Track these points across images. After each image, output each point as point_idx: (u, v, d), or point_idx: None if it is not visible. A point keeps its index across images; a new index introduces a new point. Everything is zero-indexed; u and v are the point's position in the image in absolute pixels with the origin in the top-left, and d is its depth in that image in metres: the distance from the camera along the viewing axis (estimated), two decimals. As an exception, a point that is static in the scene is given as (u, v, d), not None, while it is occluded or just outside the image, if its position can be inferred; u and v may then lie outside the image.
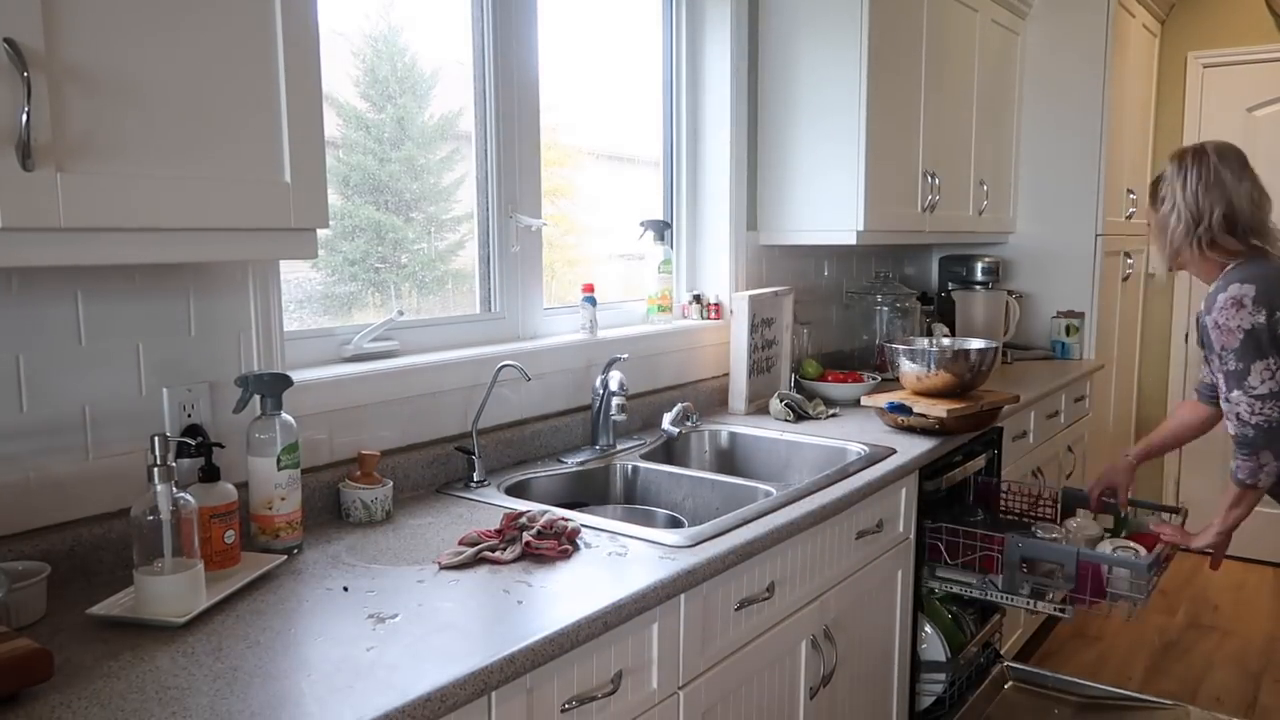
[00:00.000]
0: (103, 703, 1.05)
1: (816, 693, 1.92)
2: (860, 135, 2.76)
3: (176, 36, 1.16)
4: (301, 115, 1.30)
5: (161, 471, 1.25)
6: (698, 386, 2.73)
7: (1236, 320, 2.06)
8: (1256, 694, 3.16)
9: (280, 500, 1.53)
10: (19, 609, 1.24)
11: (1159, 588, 3.96)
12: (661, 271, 2.67)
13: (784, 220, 2.93)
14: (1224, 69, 4.27)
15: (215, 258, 1.25)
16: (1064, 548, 2.19)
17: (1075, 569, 2.14)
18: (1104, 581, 2.14)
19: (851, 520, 2.02)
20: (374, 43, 2.03)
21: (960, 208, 3.39)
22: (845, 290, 3.52)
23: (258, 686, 1.09)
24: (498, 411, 2.11)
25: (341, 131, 1.98)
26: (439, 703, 1.08)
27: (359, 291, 2.04)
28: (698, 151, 2.88)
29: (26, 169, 1.02)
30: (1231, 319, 2.06)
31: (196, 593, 1.29)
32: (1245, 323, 2.04)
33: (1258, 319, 2.03)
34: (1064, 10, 3.68)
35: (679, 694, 1.52)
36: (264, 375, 1.54)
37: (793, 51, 2.86)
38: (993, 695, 2.68)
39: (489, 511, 1.78)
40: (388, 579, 1.43)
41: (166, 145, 1.16)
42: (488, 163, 2.22)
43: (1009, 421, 2.91)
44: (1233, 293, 2.06)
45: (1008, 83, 3.69)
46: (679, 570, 1.46)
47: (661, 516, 1.96)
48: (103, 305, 1.44)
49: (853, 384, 2.84)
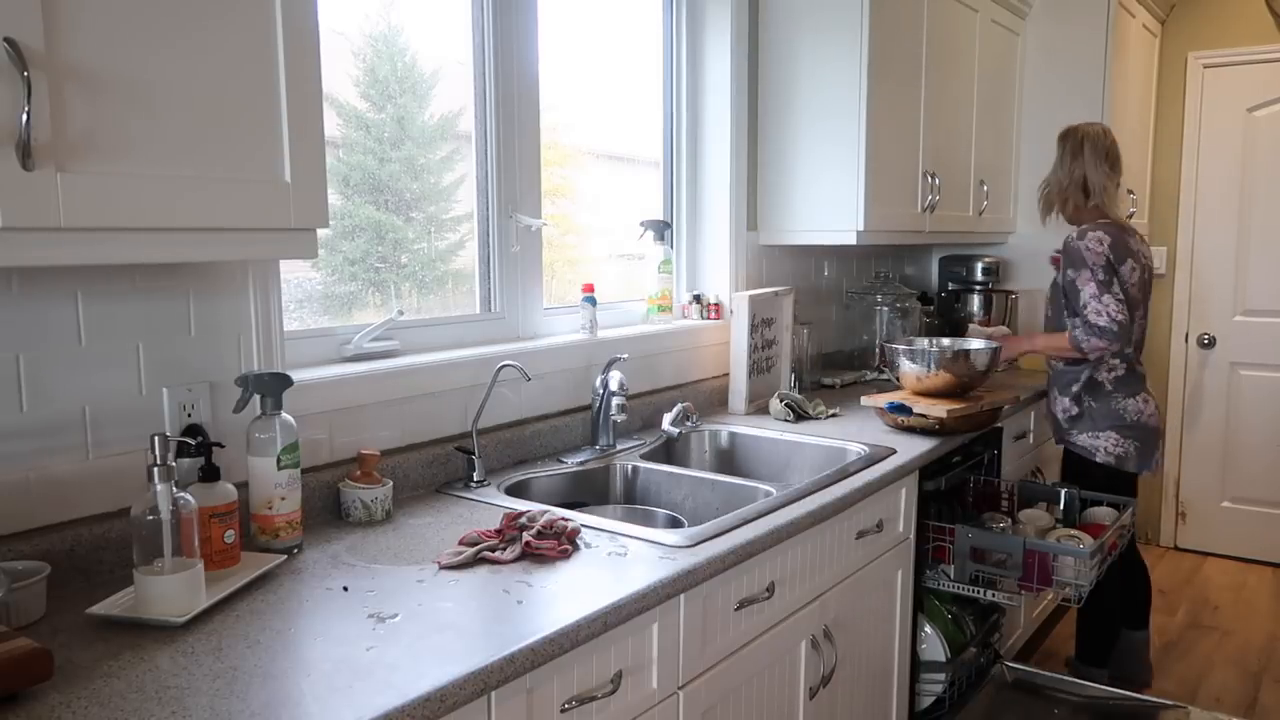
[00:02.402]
0: (103, 702, 1.05)
1: (816, 693, 1.92)
2: (860, 135, 2.76)
3: (176, 37, 1.16)
4: (301, 115, 1.30)
5: (161, 471, 1.25)
6: (698, 386, 2.73)
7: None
8: (1256, 694, 3.16)
9: (280, 500, 1.53)
10: (19, 609, 1.24)
11: (1159, 587, 3.98)
12: (661, 271, 2.67)
13: (784, 220, 2.93)
14: (1224, 69, 4.27)
15: (215, 258, 1.25)
16: (1011, 538, 2.31)
17: (1022, 558, 2.27)
18: (1050, 570, 2.27)
19: (851, 520, 2.02)
20: (374, 43, 2.03)
21: (960, 208, 3.39)
22: (845, 290, 3.52)
23: (258, 686, 1.09)
24: (498, 411, 2.11)
25: (341, 131, 1.98)
26: (439, 703, 1.08)
27: (359, 291, 2.04)
28: (698, 151, 2.88)
29: (26, 169, 1.02)
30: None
31: (196, 592, 1.29)
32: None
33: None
34: (1064, 10, 3.68)
35: (679, 694, 1.52)
36: (264, 375, 1.54)
37: (793, 51, 2.86)
38: (993, 695, 2.68)
39: (489, 511, 1.78)
40: (388, 579, 1.43)
41: (166, 145, 1.16)
42: (488, 163, 2.22)
43: (1009, 421, 2.91)
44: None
45: (1008, 83, 3.69)
46: (679, 570, 1.46)
47: (661, 516, 1.96)
48: (103, 305, 1.44)
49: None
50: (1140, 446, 2.77)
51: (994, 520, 2.47)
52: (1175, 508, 4.53)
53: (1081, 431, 2.82)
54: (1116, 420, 2.76)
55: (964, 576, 2.34)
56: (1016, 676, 2.76)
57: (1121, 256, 2.69)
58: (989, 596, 2.38)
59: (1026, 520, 2.48)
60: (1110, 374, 2.77)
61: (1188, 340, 4.45)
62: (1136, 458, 2.78)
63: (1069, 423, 2.85)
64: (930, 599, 2.49)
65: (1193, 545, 4.51)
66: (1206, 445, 4.44)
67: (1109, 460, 2.78)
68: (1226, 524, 4.42)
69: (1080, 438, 2.82)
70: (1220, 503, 4.43)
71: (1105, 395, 2.77)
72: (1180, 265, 4.44)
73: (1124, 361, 2.77)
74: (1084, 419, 2.81)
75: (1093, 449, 2.80)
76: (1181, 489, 4.51)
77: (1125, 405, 2.76)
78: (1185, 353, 4.47)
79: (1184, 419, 4.48)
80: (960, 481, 2.61)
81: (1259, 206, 4.25)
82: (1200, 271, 4.40)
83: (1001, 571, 2.32)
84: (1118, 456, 2.77)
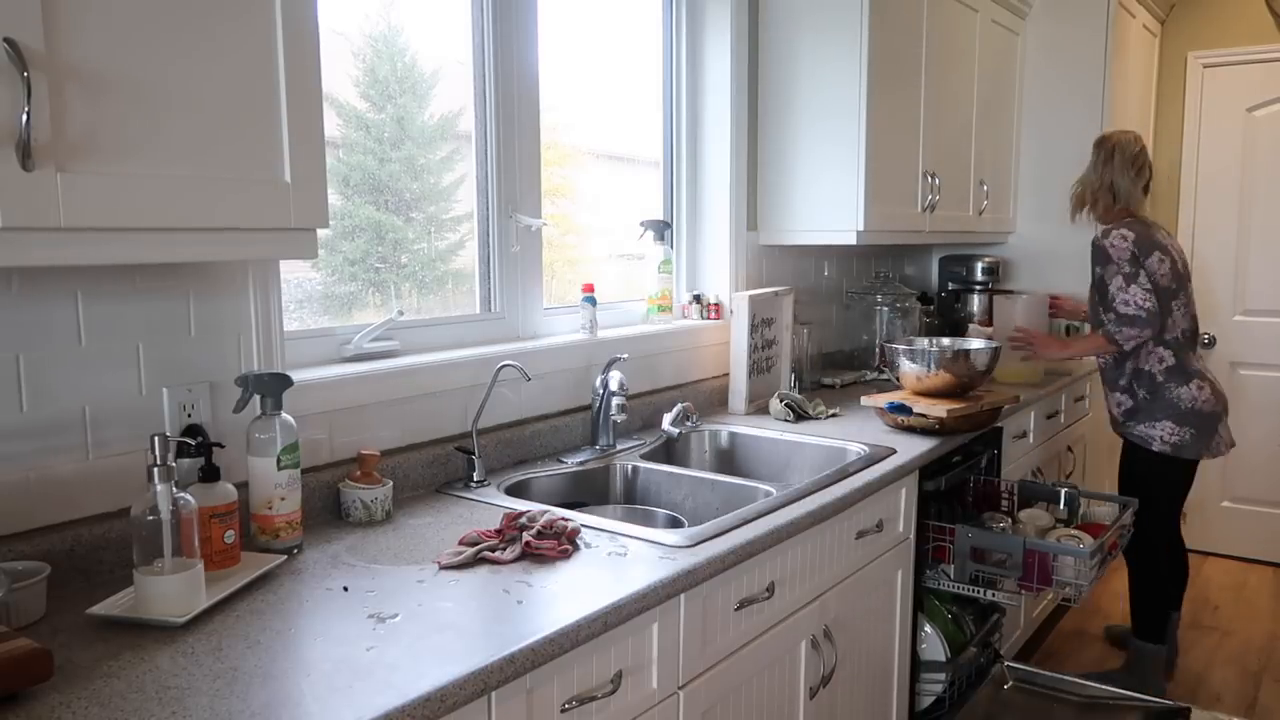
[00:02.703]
0: (103, 702, 1.05)
1: (816, 693, 1.92)
2: (860, 135, 2.76)
3: (176, 37, 1.16)
4: (301, 115, 1.30)
5: (161, 471, 1.25)
6: (698, 386, 2.73)
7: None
8: (1256, 694, 3.16)
9: (280, 500, 1.53)
10: (19, 609, 1.24)
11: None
12: (661, 271, 2.67)
13: (784, 220, 2.93)
14: (1224, 69, 4.27)
15: (215, 258, 1.25)
16: (1012, 538, 2.32)
17: (1022, 558, 2.27)
18: (1050, 570, 2.28)
19: (851, 520, 2.02)
20: (374, 43, 2.03)
21: (960, 208, 3.39)
22: (845, 290, 3.52)
23: (258, 686, 1.09)
24: (498, 411, 2.11)
25: (341, 131, 1.98)
26: (439, 703, 1.08)
27: (359, 291, 2.04)
28: (698, 151, 2.88)
29: (26, 169, 1.02)
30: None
31: (196, 593, 1.29)
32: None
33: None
34: (1064, 10, 3.68)
35: (679, 694, 1.52)
36: (264, 375, 1.54)
37: (793, 51, 2.86)
38: (993, 695, 2.68)
39: (489, 511, 1.78)
40: (388, 579, 1.43)
41: (166, 145, 1.16)
42: (488, 163, 2.22)
43: (1009, 421, 2.91)
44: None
45: (1008, 83, 3.69)
46: (679, 570, 1.46)
47: (661, 516, 1.96)
48: (103, 305, 1.44)
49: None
50: (1196, 433, 2.86)
51: (994, 520, 2.48)
52: (1175, 507, 4.53)
53: (1139, 423, 2.92)
54: (1171, 409, 2.86)
55: (964, 576, 2.35)
56: (1017, 676, 2.76)
57: (1147, 250, 2.82)
58: (989, 596, 2.38)
59: (1026, 520, 2.49)
60: (1161, 365, 2.87)
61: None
62: (1193, 444, 2.87)
63: (1124, 415, 2.97)
64: (930, 599, 2.49)
65: (1193, 545, 4.50)
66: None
67: (1165, 449, 2.87)
68: (1226, 524, 4.42)
69: (1137, 428, 2.93)
70: (1220, 503, 4.43)
71: (1158, 386, 2.87)
72: (1180, 265, 4.43)
73: (1171, 350, 2.86)
74: (1140, 411, 2.92)
75: (1149, 438, 2.90)
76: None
77: (1179, 394, 2.85)
78: (1185, 352, 4.46)
79: (1184, 419, 4.48)
80: (960, 481, 2.61)
81: (1259, 206, 4.25)
82: (1200, 271, 4.39)
83: (1001, 571, 2.32)
84: (1174, 444, 2.87)
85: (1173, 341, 2.87)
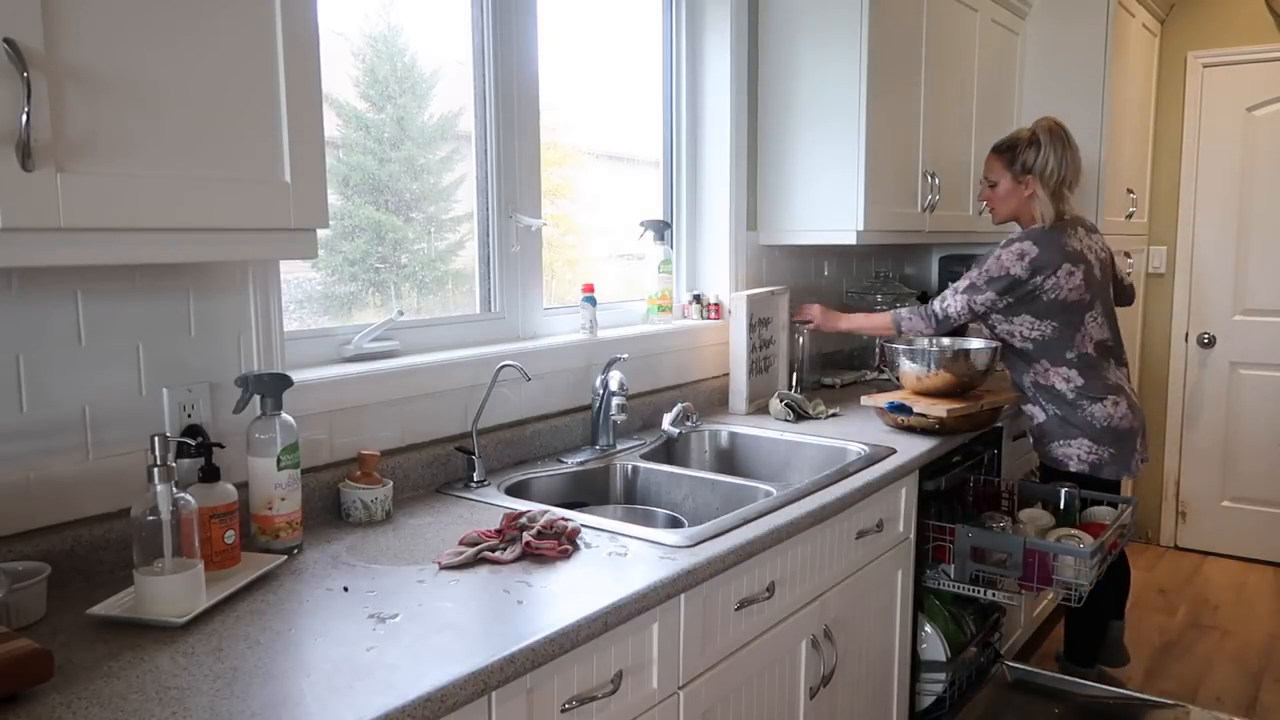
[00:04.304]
0: (103, 703, 1.05)
1: (816, 693, 1.92)
2: (860, 135, 2.76)
3: (176, 37, 1.16)
4: (301, 115, 1.30)
5: (161, 471, 1.25)
6: (698, 386, 2.73)
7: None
8: (1256, 694, 3.16)
9: (280, 500, 1.53)
10: (19, 609, 1.24)
11: (1159, 587, 3.98)
12: (661, 271, 2.67)
13: (784, 220, 2.93)
14: (1224, 69, 4.26)
15: (215, 258, 1.25)
16: (1011, 538, 2.31)
17: (1022, 557, 2.27)
18: (1050, 569, 2.27)
19: (851, 520, 2.02)
20: (374, 43, 2.03)
21: (960, 208, 3.39)
22: (845, 290, 3.52)
23: (258, 686, 1.09)
24: (498, 411, 2.11)
25: (341, 131, 1.98)
26: (439, 703, 1.08)
27: (359, 291, 2.04)
28: (698, 151, 2.88)
29: (26, 169, 1.01)
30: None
31: (196, 593, 1.29)
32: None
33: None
34: (1064, 10, 3.68)
35: (679, 694, 1.52)
36: (264, 375, 1.54)
37: (793, 51, 2.86)
38: (993, 695, 2.68)
39: (489, 511, 1.78)
40: (388, 579, 1.43)
41: (166, 145, 1.16)
42: (488, 163, 2.22)
43: (1009, 421, 2.91)
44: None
45: (1007, 82, 3.69)
46: (679, 570, 1.46)
47: (661, 516, 1.96)
48: (103, 305, 1.44)
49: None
50: (1115, 452, 2.66)
51: (994, 520, 2.47)
52: (1175, 507, 4.53)
53: (1053, 441, 2.72)
54: (1086, 428, 2.65)
55: (964, 576, 2.35)
56: (1017, 676, 2.76)
57: (1050, 267, 2.55)
58: (989, 596, 2.38)
59: (1026, 520, 2.49)
60: (1068, 384, 2.65)
61: (1187, 340, 4.45)
62: (1112, 464, 2.67)
63: (1037, 432, 2.76)
64: (930, 599, 2.49)
65: (1193, 545, 4.51)
66: (1206, 445, 4.44)
67: (1083, 468, 2.68)
68: (1226, 524, 4.41)
69: (1054, 449, 2.72)
70: (1220, 502, 4.43)
71: (1070, 404, 2.66)
72: (1180, 265, 4.43)
73: (1077, 368, 2.63)
74: (1053, 430, 2.71)
75: (1066, 458, 2.70)
76: (1181, 489, 4.51)
77: (1093, 412, 2.64)
78: (1185, 352, 4.46)
79: (1184, 419, 4.48)
80: (960, 481, 2.61)
81: (1259, 206, 4.25)
82: (1200, 271, 4.40)
83: (1001, 571, 2.32)
84: (1092, 464, 2.67)
85: (1079, 359, 2.63)
